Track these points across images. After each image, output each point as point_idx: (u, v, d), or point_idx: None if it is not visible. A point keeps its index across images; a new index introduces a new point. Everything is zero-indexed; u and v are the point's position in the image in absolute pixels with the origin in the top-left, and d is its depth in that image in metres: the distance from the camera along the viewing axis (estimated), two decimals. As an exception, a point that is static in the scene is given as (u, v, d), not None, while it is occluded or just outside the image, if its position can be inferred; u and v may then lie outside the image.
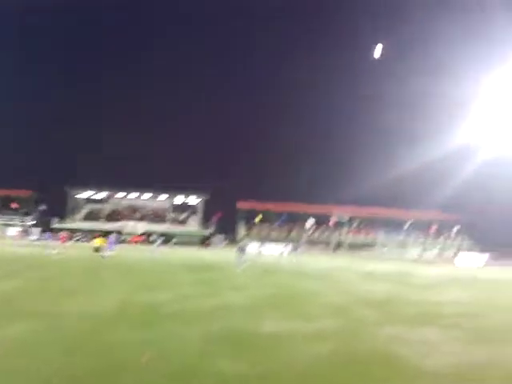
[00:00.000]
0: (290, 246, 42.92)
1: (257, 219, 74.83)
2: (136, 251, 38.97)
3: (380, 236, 72.17)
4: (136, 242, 61.88)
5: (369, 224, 76.11)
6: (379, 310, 10.82)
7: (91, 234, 53.84)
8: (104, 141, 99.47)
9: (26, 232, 63.95)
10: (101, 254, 23.71)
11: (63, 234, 40.08)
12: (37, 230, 63.98)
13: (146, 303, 10.26)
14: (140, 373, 5.27)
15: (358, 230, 75.66)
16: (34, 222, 67.50)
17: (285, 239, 65.36)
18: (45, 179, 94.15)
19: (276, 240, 66.56)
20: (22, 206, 68.77)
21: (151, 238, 39.77)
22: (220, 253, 45.02)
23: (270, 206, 75.94)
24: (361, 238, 73.42)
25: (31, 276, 15.14)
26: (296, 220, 75.27)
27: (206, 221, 72.42)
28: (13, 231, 63.97)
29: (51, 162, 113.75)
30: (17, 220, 66.53)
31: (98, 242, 24.74)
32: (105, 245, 25.81)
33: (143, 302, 10.37)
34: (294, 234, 72.36)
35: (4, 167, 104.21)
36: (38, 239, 57.05)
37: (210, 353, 6.25)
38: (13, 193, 67.77)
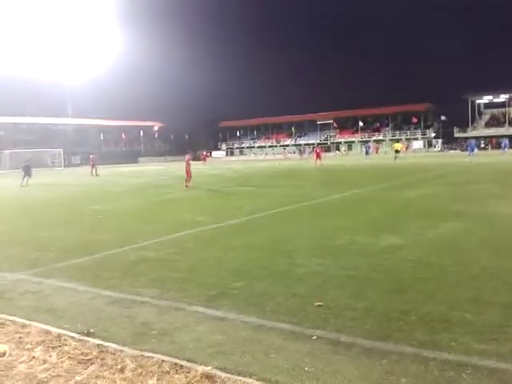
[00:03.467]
0: None
1: None
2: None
3: None
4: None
5: None
6: None
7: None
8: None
9: (429, 144, 66.51)
10: (397, 155, 24.56)
11: None
12: (439, 142, 65.56)
13: None
14: None
15: None
16: (435, 134, 69.09)
17: None
18: (442, 90, 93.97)
19: None
20: (422, 119, 70.96)
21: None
22: None
23: None
24: None
25: (443, 182, 15.86)
26: None
27: None
28: (417, 144, 67.48)
29: (448, 73, 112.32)
30: (418, 133, 69.55)
31: (397, 146, 25.52)
32: (403, 149, 26.32)
33: None
34: None
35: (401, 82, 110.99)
36: (441, 150, 58.60)
37: None
38: (412, 108, 70.57)
